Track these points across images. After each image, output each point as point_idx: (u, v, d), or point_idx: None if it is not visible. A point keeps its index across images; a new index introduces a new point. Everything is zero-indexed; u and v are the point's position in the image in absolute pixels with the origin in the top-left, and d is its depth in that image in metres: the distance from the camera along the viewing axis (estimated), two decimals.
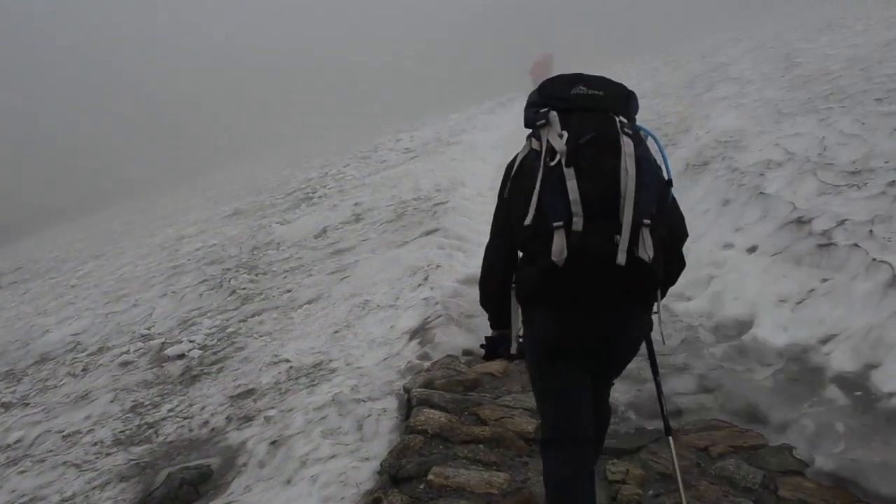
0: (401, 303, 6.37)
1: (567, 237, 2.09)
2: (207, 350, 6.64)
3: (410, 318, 5.84)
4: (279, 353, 5.90)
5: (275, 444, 4.12)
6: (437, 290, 6.20)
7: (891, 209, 4.76)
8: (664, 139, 9.38)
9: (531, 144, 2.27)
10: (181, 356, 6.60)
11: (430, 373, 4.54)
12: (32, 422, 5.86)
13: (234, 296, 8.34)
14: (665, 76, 15.78)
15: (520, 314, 2.40)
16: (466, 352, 4.98)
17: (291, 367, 5.50)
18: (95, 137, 44.69)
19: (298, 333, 6.39)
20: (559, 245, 2.09)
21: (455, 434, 3.61)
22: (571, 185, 2.11)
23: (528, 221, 2.15)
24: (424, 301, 6.07)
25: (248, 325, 7.06)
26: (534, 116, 2.29)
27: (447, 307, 5.73)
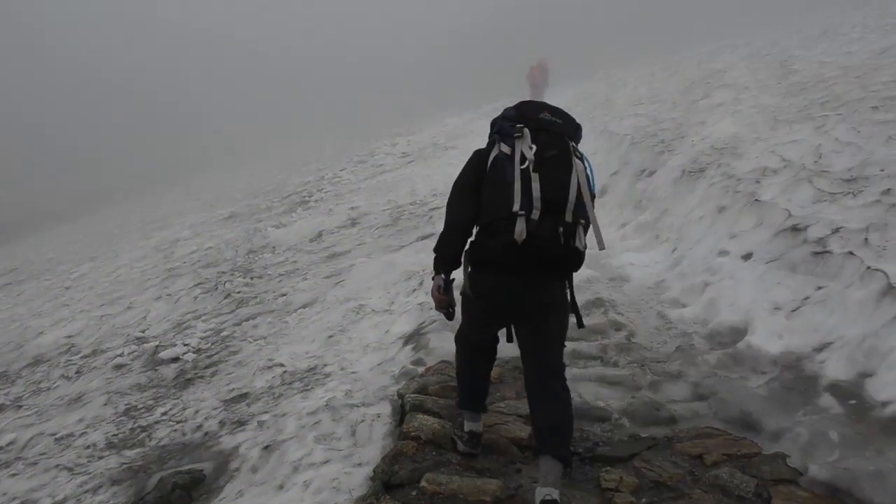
0: (395, 307, 6.37)
1: (526, 223, 2.78)
2: (201, 353, 6.62)
3: (405, 323, 5.84)
4: (273, 358, 5.89)
5: (268, 449, 4.10)
6: None
7: (886, 217, 4.76)
8: (660, 145, 9.39)
9: (500, 148, 2.97)
10: (175, 359, 6.58)
11: (424, 378, 4.53)
12: (25, 424, 5.83)
13: (229, 299, 8.32)
14: (661, 82, 15.80)
15: (469, 270, 3.08)
16: None
17: (285, 372, 5.48)
18: (88, 139, 44.61)
19: (293, 337, 6.38)
20: (521, 228, 2.77)
21: (448, 440, 3.60)
22: (535, 187, 2.81)
23: (515, 208, 2.79)
24: (419, 306, 6.06)
25: (243, 329, 7.04)
26: (510, 128, 2.96)
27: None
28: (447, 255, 3.11)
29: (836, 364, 3.79)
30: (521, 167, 2.84)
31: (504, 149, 2.93)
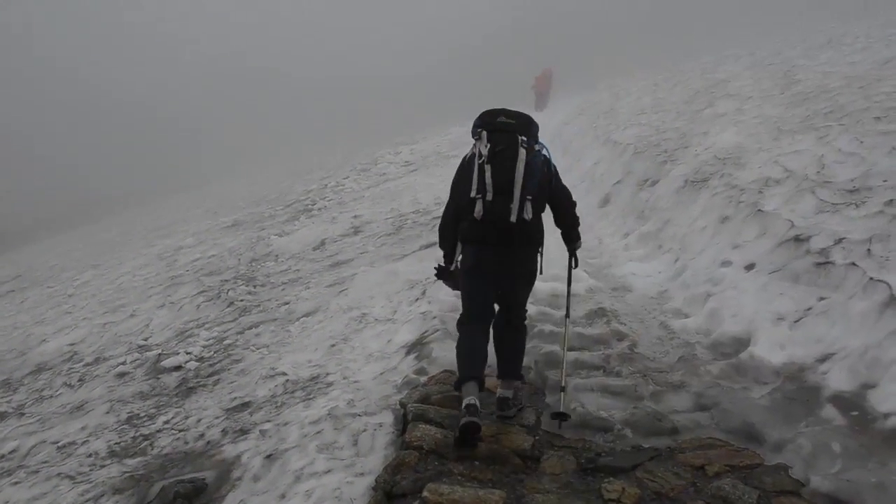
0: (398, 316, 6.37)
1: (483, 204, 3.67)
2: (204, 362, 6.63)
3: (408, 333, 5.84)
4: (276, 366, 5.89)
5: (270, 458, 4.10)
6: (435, 305, 6.20)
7: (889, 228, 4.76)
8: (663, 155, 9.41)
9: (473, 149, 3.83)
10: (178, 368, 6.58)
11: (427, 388, 4.53)
12: (27, 432, 5.83)
13: (232, 307, 8.33)
14: (665, 92, 15.81)
15: (459, 250, 3.92)
16: None
17: (288, 381, 5.48)
18: (90, 150, 44.72)
19: (295, 346, 6.38)
20: (479, 208, 3.67)
21: (450, 450, 3.60)
22: (488, 175, 3.67)
23: (472, 194, 3.68)
24: (422, 315, 6.07)
25: (246, 338, 7.04)
26: (474, 133, 3.85)
27: (445, 322, 5.72)
28: (445, 251, 4.07)
29: (839, 375, 3.79)
30: (479, 161, 3.71)
31: (474, 150, 3.81)
